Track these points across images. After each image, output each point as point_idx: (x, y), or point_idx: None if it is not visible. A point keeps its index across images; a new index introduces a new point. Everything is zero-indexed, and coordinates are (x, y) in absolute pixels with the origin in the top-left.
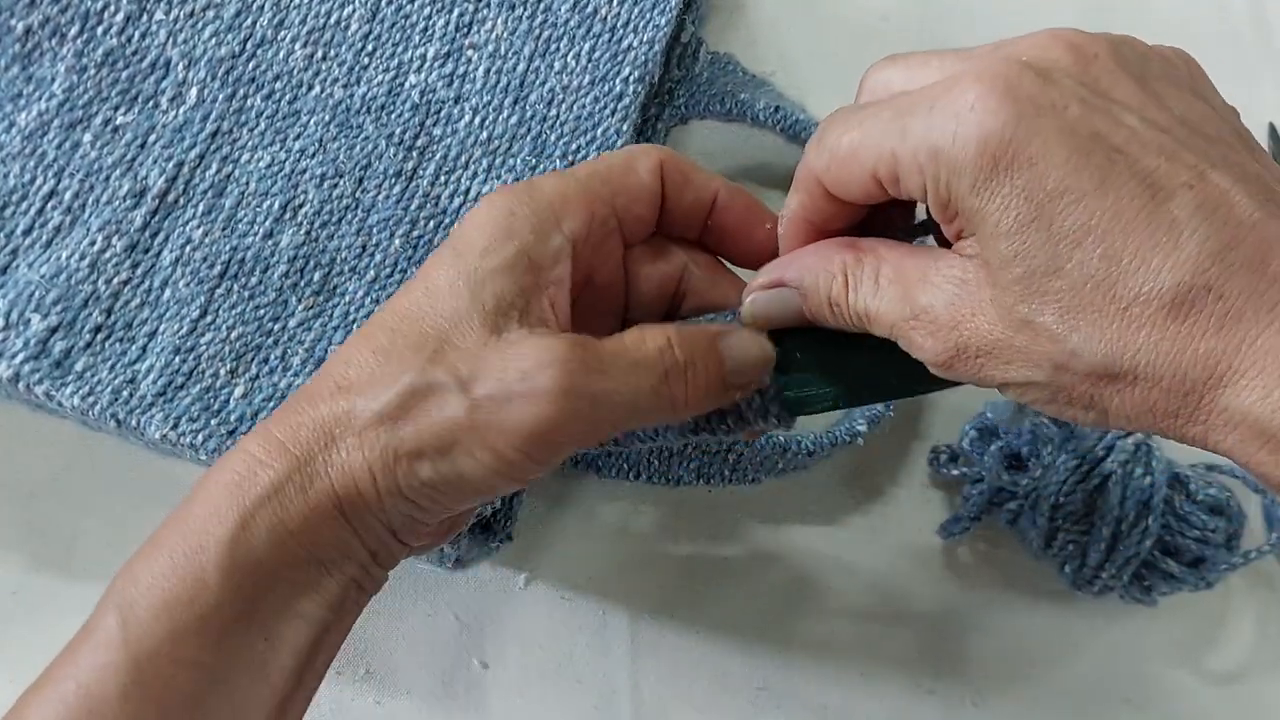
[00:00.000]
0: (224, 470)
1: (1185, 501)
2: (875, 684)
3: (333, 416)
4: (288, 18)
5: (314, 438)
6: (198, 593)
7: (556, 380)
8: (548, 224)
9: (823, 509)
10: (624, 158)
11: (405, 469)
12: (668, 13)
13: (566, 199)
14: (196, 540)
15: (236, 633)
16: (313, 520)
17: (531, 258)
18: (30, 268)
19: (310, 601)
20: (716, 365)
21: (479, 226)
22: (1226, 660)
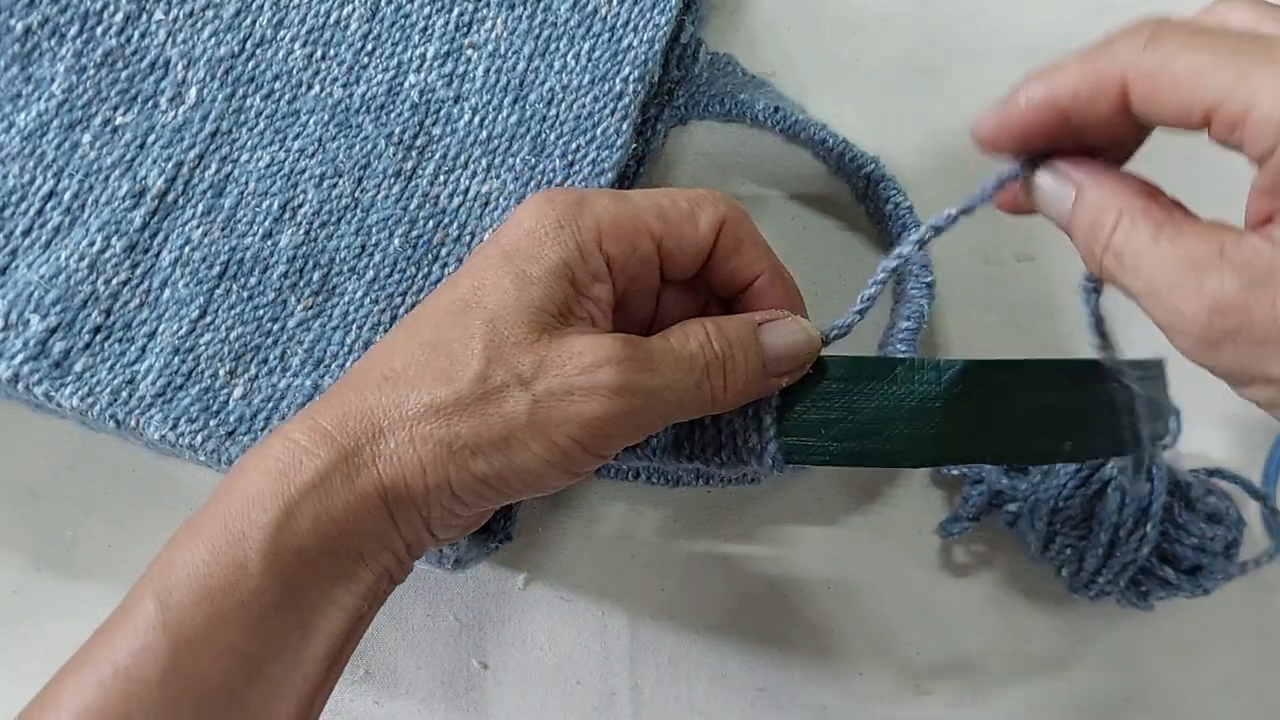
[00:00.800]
0: (266, 458)
1: (1184, 510)
2: (875, 684)
3: (380, 407)
4: (287, 17)
5: (361, 428)
6: (239, 579)
7: (615, 376)
8: (591, 243)
9: (823, 509)
10: (689, 202)
11: (460, 463)
12: (668, 12)
13: (615, 224)
14: (239, 527)
15: (275, 620)
16: (357, 511)
17: (574, 272)
18: (29, 268)
19: (346, 591)
20: (756, 354)
21: (529, 232)
22: (1227, 662)
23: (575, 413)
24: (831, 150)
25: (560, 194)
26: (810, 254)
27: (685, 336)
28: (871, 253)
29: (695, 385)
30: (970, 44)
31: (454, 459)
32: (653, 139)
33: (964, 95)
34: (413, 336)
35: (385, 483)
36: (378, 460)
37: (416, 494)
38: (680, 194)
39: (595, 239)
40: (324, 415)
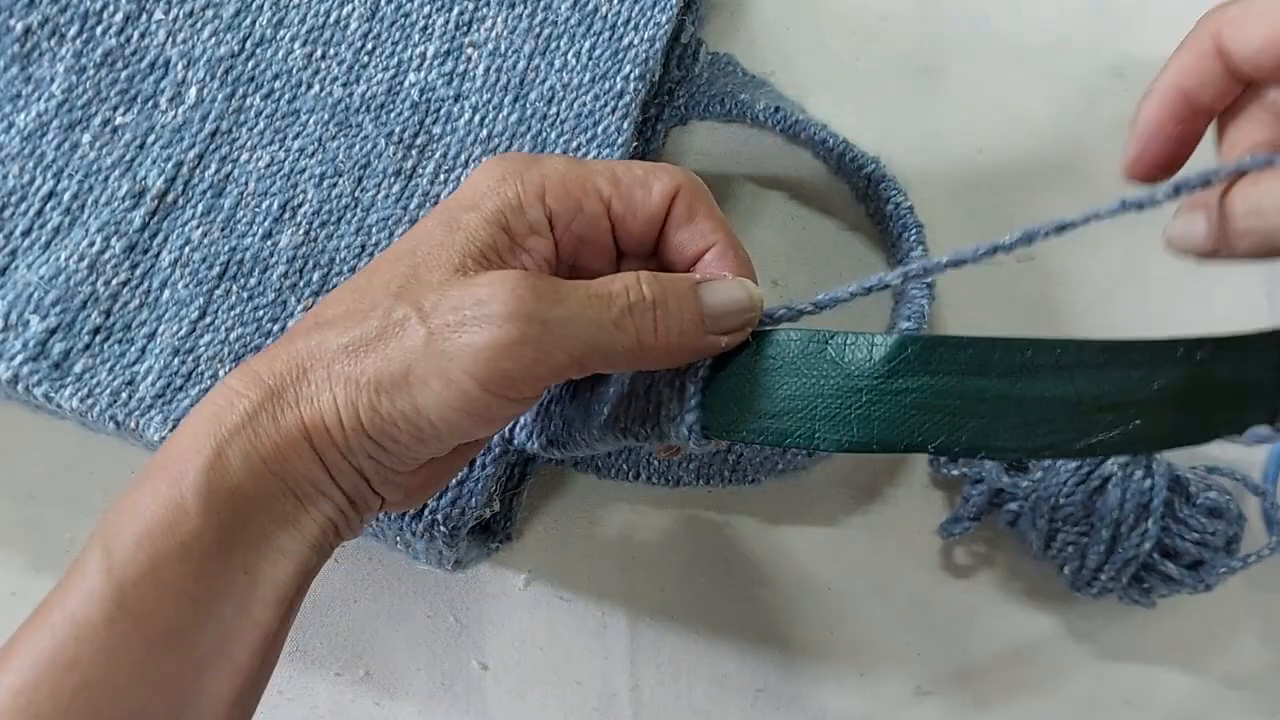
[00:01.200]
0: (205, 404)
1: (1185, 505)
2: (875, 684)
3: (306, 350)
4: (287, 17)
5: (287, 369)
6: (178, 519)
7: (506, 304)
8: (532, 194)
9: (823, 509)
10: (645, 169)
11: (366, 401)
12: (668, 10)
13: (563, 179)
14: (176, 469)
15: (217, 561)
16: (284, 449)
17: (509, 219)
18: (29, 269)
19: (289, 537)
20: (692, 306)
21: (469, 186)
22: (1228, 661)
23: (467, 343)
24: (832, 150)
25: (514, 154)
26: (810, 254)
27: (610, 279)
28: (871, 253)
29: (613, 323)
30: (970, 44)
31: (361, 396)
32: (653, 139)
33: (964, 95)
34: (350, 284)
35: (306, 421)
36: (300, 400)
37: (335, 435)
38: (638, 163)
39: (538, 192)
40: (258, 361)
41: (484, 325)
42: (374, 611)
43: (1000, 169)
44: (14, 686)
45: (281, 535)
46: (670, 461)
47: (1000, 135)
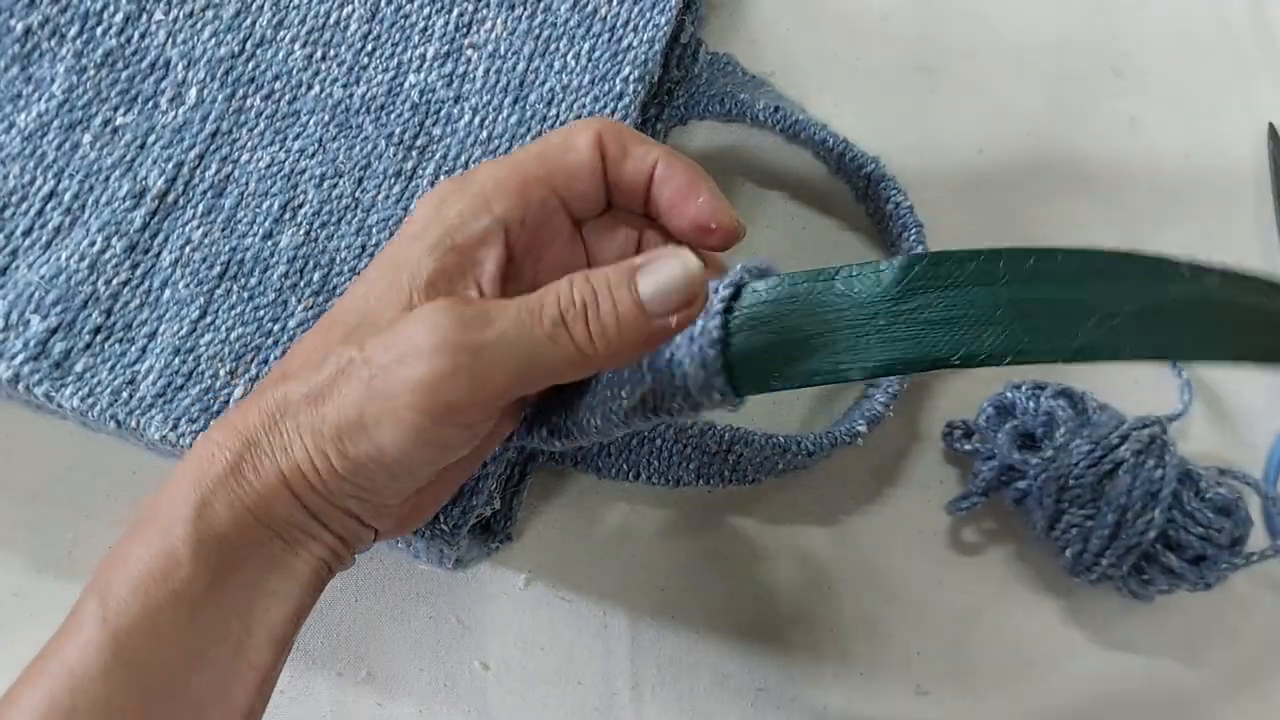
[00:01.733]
0: (189, 459)
1: (1193, 498)
2: (875, 684)
3: (274, 401)
4: (287, 18)
5: (261, 421)
6: (170, 568)
7: (431, 336)
8: (476, 207)
9: (822, 509)
10: (562, 134)
11: (333, 449)
12: (667, 12)
13: (499, 182)
14: (165, 520)
15: (211, 608)
16: (267, 497)
17: (455, 240)
18: (30, 269)
19: (281, 580)
20: (627, 297)
21: (412, 218)
22: (1229, 662)
23: (403, 380)
24: (832, 150)
25: (446, 181)
26: (810, 254)
27: (543, 291)
28: (872, 253)
29: (547, 337)
30: (970, 44)
31: (327, 444)
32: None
33: (964, 95)
34: (312, 335)
35: (284, 470)
36: (275, 450)
37: (313, 481)
38: (555, 131)
39: (480, 204)
40: (235, 414)
41: (415, 361)
42: (375, 612)
43: (1000, 169)
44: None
45: (273, 578)
46: (670, 461)
47: (1000, 135)
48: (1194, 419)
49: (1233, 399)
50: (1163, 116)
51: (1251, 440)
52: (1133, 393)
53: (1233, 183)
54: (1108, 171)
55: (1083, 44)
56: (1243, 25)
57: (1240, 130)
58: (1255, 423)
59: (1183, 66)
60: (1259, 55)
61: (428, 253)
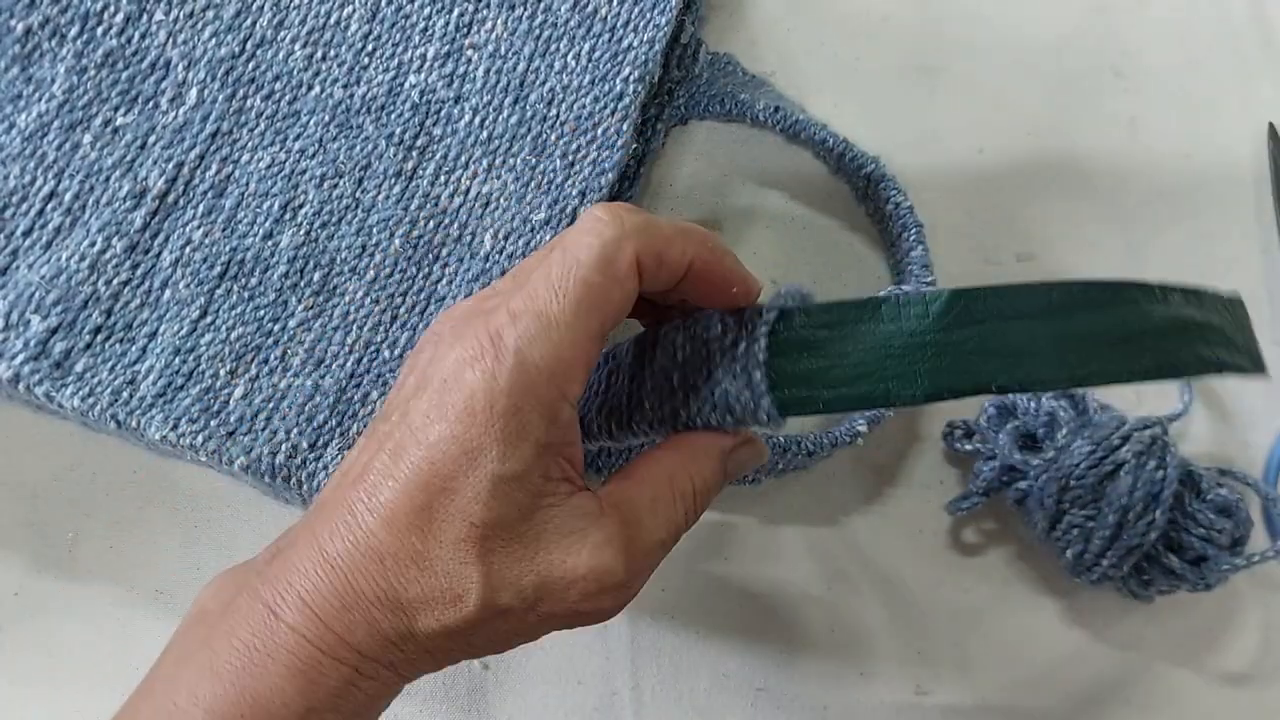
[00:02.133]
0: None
1: (1194, 499)
2: (875, 684)
3: (391, 626)
4: (287, 18)
5: (373, 642)
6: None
7: (615, 601)
8: (556, 404)
9: (822, 509)
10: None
11: (470, 655)
12: (668, 12)
13: (564, 363)
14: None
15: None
16: (376, 700)
17: (546, 443)
18: (30, 269)
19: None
20: (719, 478)
21: (487, 429)
22: (1230, 663)
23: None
24: (832, 150)
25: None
26: (810, 254)
27: (673, 502)
28: (872, 253)
29: (676, 523)
30: (969, 44)
31: (465, 654)
32: (653, 139)
33: (964, 95)
34: (397, 537)
35: (406, 679)
36: (396, 664)
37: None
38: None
39: (558, 396)
40: (322, 609)
41: (591, 618)
42: None
43: (1000, 169)
44: None
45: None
46: None
47: (1000, 135)
48: (1194, 420)
49: (1233, 399)
50: (1163, 116)
51: (1252, 441)
52: (1134, 394)
53: (1233, 183)
54: (1108, 171)
55: (1083, 44)
56: (1243, 25)
57: (1240, 130)
58: (1255, 423)
59: (1183, 66)
60: (1259, 55)
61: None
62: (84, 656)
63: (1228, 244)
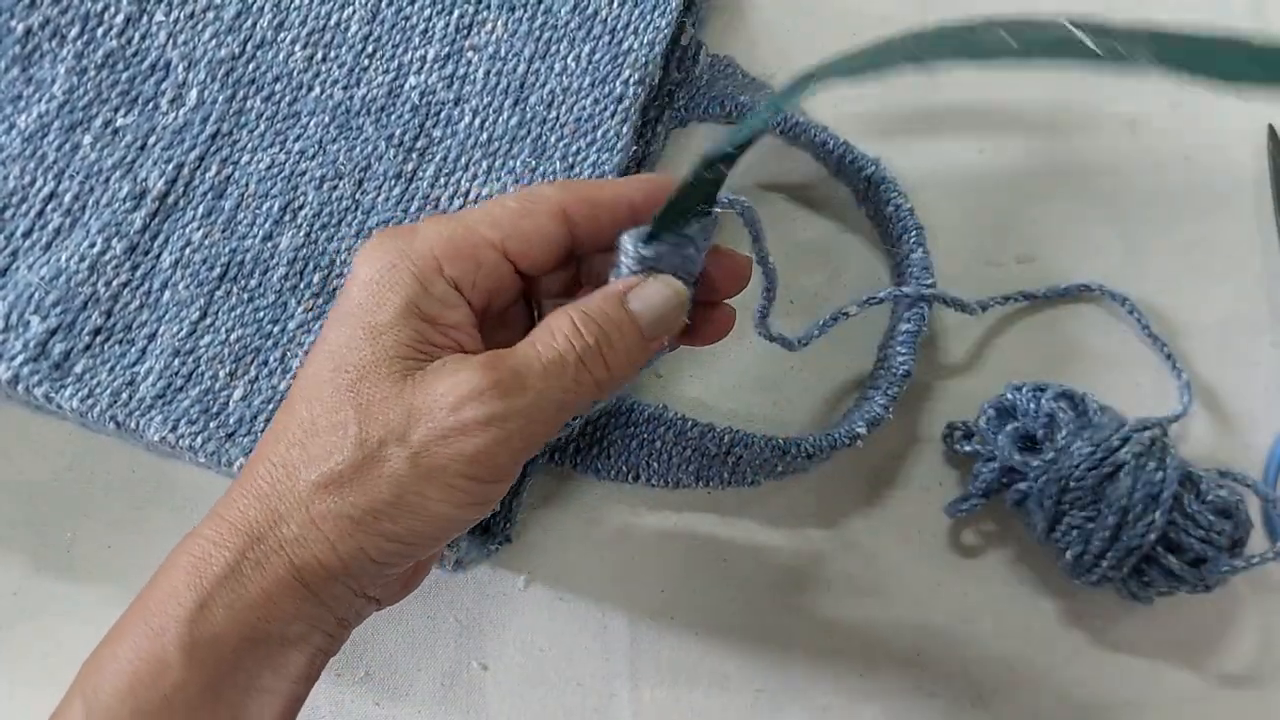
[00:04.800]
0: (180, 554)
1: (1194, 500)
2: (875, 685)
3: (275, 493)
4: (287, 19)
5: (261, 516)
6: (160, 673)
7: (480, 409)
8: (430, 272)
9: (822, 511)
10: (520, 202)
11: (367, 530)
12: (668, 15)
13: (450, 245)
14: (157, 623)
15: (202, 711)
16: (273, 595)
17: (421, 307)
18: (30, 270)
19: (276, 677)
20: (630, 327)
21: (363, 284)
22: (1230, 664)
23: (456, 453)
24: (832, 152)
25: (389, 233)
26: (810, 255)
27: (551, 336)
28: (872, 254)
29: (573, 383)
30: None
31: (359, 529)
32: (653, 141)
33: (964, 95)
34: (291, 416)
35: (298, 564)
36: (284, 545)
37: (334, 569)
38: (510, 194)
39: (434, 267)
40: (227, 510)
41: (466, 435)
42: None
43: (1000, 169)
44: None
45: (267, 675)
46: (670, 464)
47: (1000, 136)
48: (1194, 421)
49: (1233, 400)
50: (1163, 117)
51: (1252, 442)
52: (1134, 395)
53: (1233, 183)
54: (1108, 172)
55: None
56: (1243, 25)
57: (1240, 131)
58: (1255, 424)
59: None
60: None
61: (402, 319)
62: (83, 656)
63: (1228, 244)
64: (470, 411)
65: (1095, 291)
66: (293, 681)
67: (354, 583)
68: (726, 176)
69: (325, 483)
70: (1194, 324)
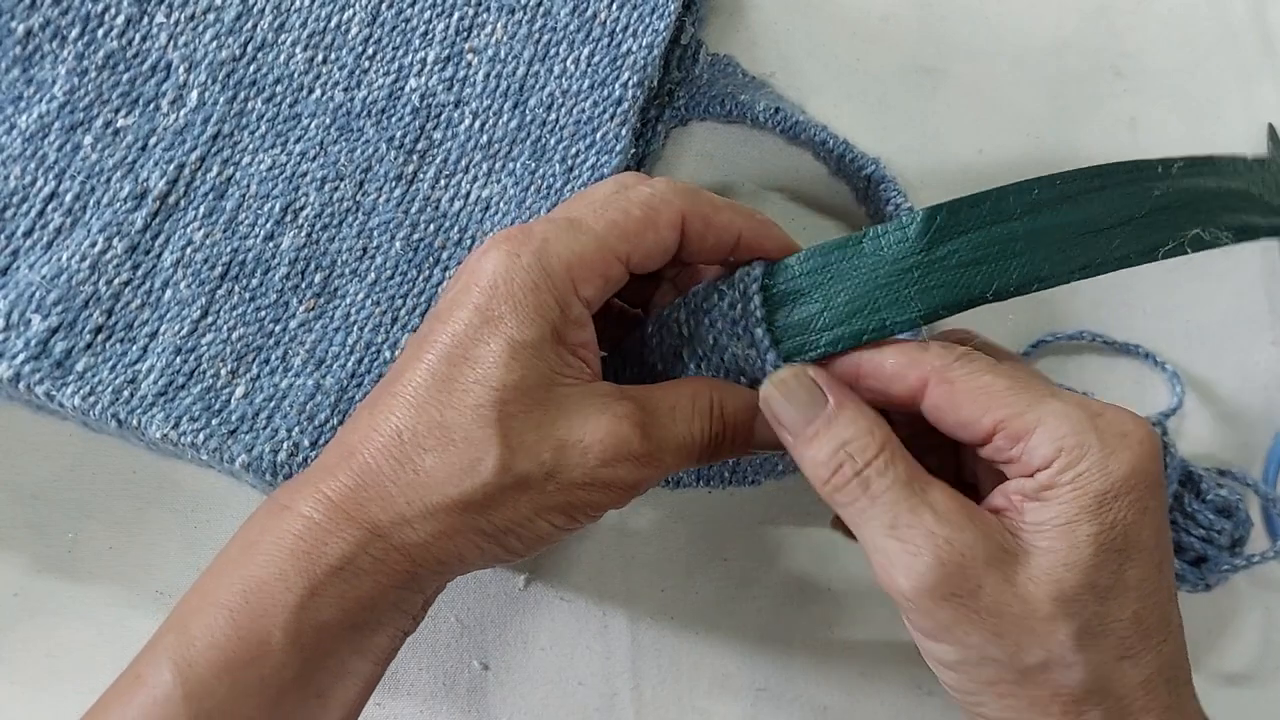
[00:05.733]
0: (284, 533)
1: (1194, 500)
2: (875, 684)
3: (403, 496)
4: (288, 21)
5: (384, 514)
6: (261, 655)
7: (632, 473)
8: (568, 295)
9: (823, 509)
10: (645, 211)
11: (492, 543)
12: (666, 17)
13: (585, 264)
14: (261, 604)
15: (294, 693)
16: (385, 589)
17: (559, 330)
18: (31, 269)
19: (363, 661)
20: (746, 439)
21: (506, 295)
22: (1230, 663)
23: (594, 501)
24: (832, 151)
25: (520, 239)
26: None
27: (691, 417)
28: None
29: (688, 463)
30: (970, 44)
31: (488, 541)
32: (653, 140)
33: (964, 95)
34: (417, 411)
35: (418, 563)
36: (408, 547)
37: (450, 569)
38: (631, 202)
39: (571, 290)
40: (332, 487)
41: (608, 490)
42: None
43: (1000, 169)
44: None
45: (356, 660)
46: None
47: (1000, 135)
48: (1194, 420)
49: (1232, 400)
50: (1163, 116)
51: (1251, 441)
52: (1134, 394)
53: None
54: None
55: (1083, 45)
56: (1243, 25)
57: (1240, 130)
58: (1255, 423)
59: (1183, 67)
60: (1259, 55)
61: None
62: (84, 657)
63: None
64: (621, 472)
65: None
66: (375, 664)
67: (451, 577)
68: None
69: (464, 502)
70: (1194, 323)
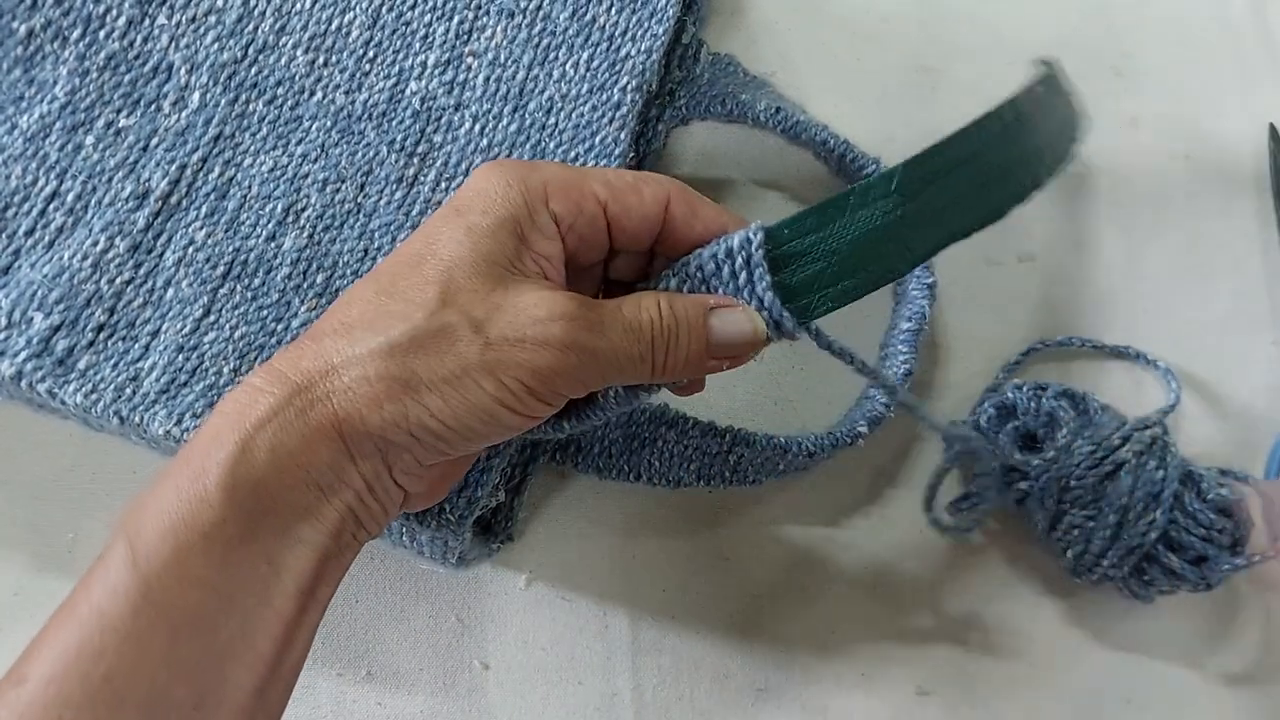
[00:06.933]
0: (226, 402)
1: (1194, 499)
2: (875, 684)
3: (334, 348)
4: (289, 24)
5: (314, 366)
6: (201, 512)
7: (565, 332)
8: (538, 200)
9: (823, 510)
10: (634, 177)
11: (415, 398)
12: (665, 22)
13: (561, 184)
14: (199, 464)
15: (239, 552)
16: (312, 441)
17: (521, 226)
18: (33, 268)
19: (310, 528)
20: (700, 337)
21: (478, 192)
22: (1230, 663)
23: (525, 359)
24: (832, 151)
25: (511, 160)
26: None
27: (638, 307)
28: None
29: (639, 355)
30: (970, 44)
31: (409, 394)
32: (654, 139)
33: (964, 95)
34: (370, 286)
35: (340, 415)
36: (331, 395)
37: (372, 427)
38: (625, 171)
39: (542, 197)
40: (282, 360)
41: (542, 348)
42: (376, 611)
43: None
44: (44, 676)
45: (302, 526)
46: (671, 462)
47: None
48: (1195, 420)
49: (1232, 400)
50: (1163, 116)
51: (1251, 440)
52: (1134, 394)
53: (1233, 183)
54: (1108, 171)
55: (1083, 44)
56: (1243, 25)
57: (1240, 130)
58: (1255, 423)
59: (1183, 66)
60: (1259, 55)
61: (503, 230)
62: None
63: (1228, 244)
64: (555, 329)
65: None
66: (326, 535)
67: (386, 452)
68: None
69: (388, 346)
70: (1194, 322)
